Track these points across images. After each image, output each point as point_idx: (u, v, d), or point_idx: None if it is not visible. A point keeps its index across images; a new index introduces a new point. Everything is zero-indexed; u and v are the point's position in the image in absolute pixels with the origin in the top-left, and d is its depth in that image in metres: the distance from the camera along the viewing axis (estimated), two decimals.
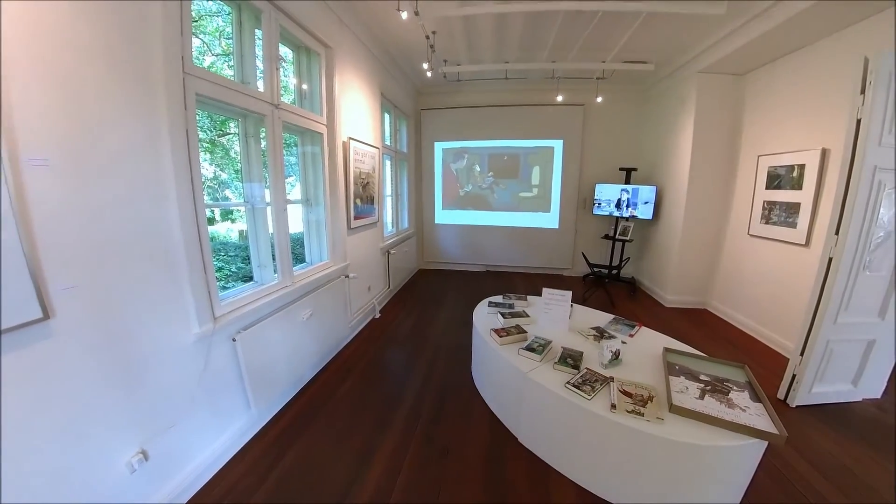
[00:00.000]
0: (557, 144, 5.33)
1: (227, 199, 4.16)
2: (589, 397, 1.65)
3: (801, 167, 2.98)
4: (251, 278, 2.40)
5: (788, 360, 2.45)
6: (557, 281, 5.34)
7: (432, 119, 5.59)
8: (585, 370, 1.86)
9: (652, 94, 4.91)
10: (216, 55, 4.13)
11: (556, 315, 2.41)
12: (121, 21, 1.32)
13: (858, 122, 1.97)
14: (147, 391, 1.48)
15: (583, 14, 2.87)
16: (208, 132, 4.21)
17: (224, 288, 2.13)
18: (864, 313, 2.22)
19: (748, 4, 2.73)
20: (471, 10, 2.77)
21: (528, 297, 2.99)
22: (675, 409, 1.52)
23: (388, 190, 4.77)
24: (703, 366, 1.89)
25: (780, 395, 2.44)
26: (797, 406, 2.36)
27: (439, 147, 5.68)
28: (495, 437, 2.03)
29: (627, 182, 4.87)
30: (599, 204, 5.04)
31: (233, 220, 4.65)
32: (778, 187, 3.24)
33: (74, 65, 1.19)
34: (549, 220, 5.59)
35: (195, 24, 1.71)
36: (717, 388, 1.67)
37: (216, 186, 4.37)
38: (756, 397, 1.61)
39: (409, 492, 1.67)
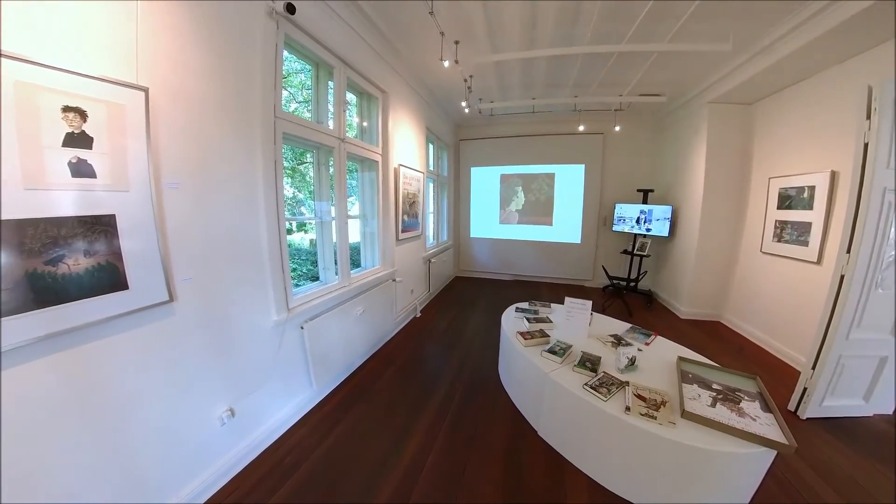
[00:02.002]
0: (580, 168, 5.20)
1: (301, 214, 4.48)
2: (605, 399, 1.57)
3: (812, 188, 2.72)
4: (317, 278, 2.53)
5: (800, 373, 2.19)
6: (579, 291, 5.12)
7: (469, 148, 5.68)
8: (603, 374, 1.77)
9: (666, 122, 4.67)
10: (299, 102, 4.54)
11: (577, 322, 2.32)
12: (234, 81, 1.53)
13: (866, 146, 1.81)
14: (236, 362, 1.63)
15: (600, 55, 2.83)
16: (290, 161, 4.59)
17: (296, 285, 2.25)
18: (876, 330, 1.97)
19: (752, 41, 2.58)
20: (502, 56, 2.83)
21: (552, 304, 2.90)
22: (687, 414, 1.41)
23: (431, 208, 4.89)
24: (716, 375, 1.74)
25: (791, 406, 2.18)
26: (807, 418, 2.10)
27: (475, 171, 5.75)
28: (517, 428, 1.99)
29: (645, 202, 4.62)
30: (619, 221, 4.82)
31: (305, 231, 4.99)
32: (789, 207, 2.95)
33: (201, 114, 1.39)
34: (572, 235, 5.42)
35: (284, 80, 1.91)
36: (728, 396, 1.53)
37: (294, 204, 4.73)
38: (767, 408, 1.45)
39: (438, 468, 1.68)
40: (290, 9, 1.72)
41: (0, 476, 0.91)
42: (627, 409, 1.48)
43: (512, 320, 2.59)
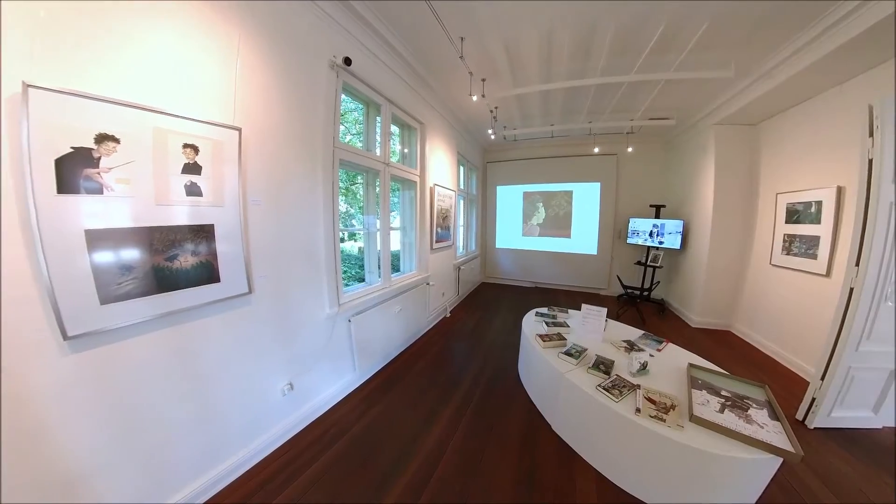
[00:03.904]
0: (595, 186, 4.99)
1: (352, 225, 4.74)
2: (617, 400, 1.48)
3: (819, 203, 2.41)
4: (363, 280, 2.63)
5: (809, 383, 1.92)
6: (595, 298, 4.83)
7: (495, 169, 5.68)
8: (615, 376, 1.67)
9: (675, 143, 4.36)
10: (352, 134, 4.86)
11: (592, 327, 2.20)
12: (302, 119, 1.69)
13: (870, 162, 1.61)
14: (296, 345, 1.74)
15: (611, 85, 2.75)
16: (344, 182, 4.88)
17: (346, 285, 2.34)
18: (886, 343, 1.70)
19: (753, 67, 2.40)
20: (523, 90, 2.85)
21: (569, 310, 2.77)
22: (695, 419, 1.29)
23: (461, 221, 4.91)
24: (725, 382, 1.57)
25: (799, 416, 1.91)
26: (815, 428, 1.84)
27: (500, 189, 5.72)
28: (532, 421, 1.91)
29: (657, 216, 4.31)
30: (633, 234, 4.54)
31: (355, 240, 5.24)
32: (797, 222, 2.63)
33: (277, 146, 1.55)
34: (588, 247, 5.19)
35: (341, 117, 2.08)
36: (736, 403, 1.38)
37: (346, 217, 5.00)
38: (775, 416, 1.29)
39: (460, 451, 1.67)
40: (348, 61, 1.88)
41: (0, 478, 0.88)
42: (638, 410, 1.38)
43: (532, 323, 2.52)
